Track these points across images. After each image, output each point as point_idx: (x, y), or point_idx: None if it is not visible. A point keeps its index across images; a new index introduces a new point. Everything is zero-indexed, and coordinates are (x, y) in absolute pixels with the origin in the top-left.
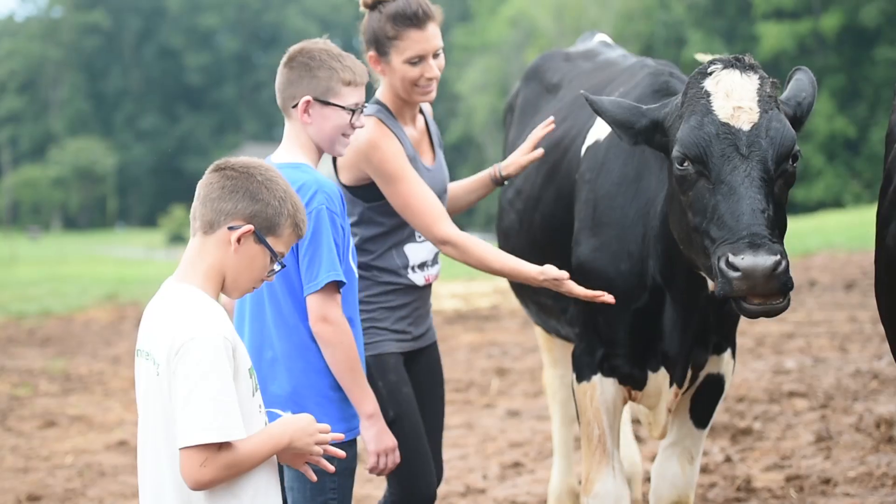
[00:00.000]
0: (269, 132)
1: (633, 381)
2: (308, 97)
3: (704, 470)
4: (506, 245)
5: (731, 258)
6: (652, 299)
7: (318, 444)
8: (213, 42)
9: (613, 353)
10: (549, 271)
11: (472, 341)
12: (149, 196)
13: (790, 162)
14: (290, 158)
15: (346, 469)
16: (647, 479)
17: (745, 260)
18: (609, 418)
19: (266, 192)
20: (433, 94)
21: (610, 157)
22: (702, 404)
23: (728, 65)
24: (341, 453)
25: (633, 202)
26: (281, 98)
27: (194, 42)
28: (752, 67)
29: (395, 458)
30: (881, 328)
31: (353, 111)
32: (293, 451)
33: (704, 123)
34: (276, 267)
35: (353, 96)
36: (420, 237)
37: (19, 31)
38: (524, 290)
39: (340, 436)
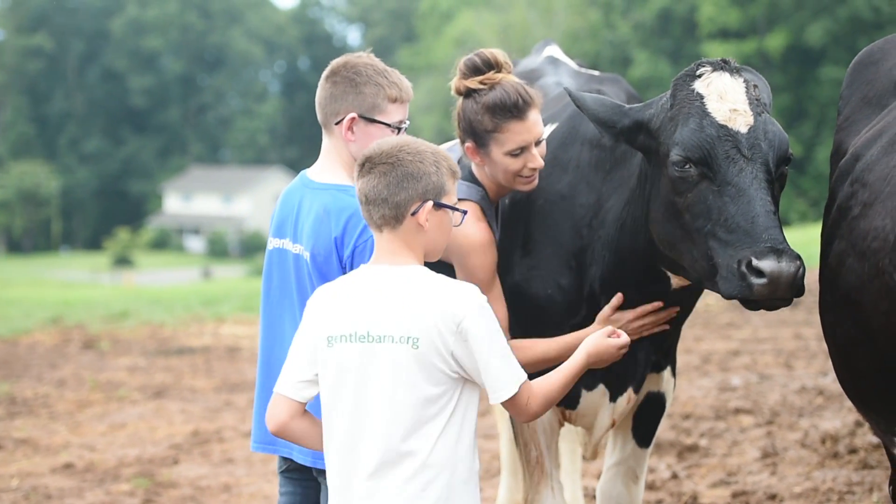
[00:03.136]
0: (215, 154)
1: (566, 400)
2: (353, 114)
3: (651, 487)
4: None
5: (756, 263)
6: (588, 313)
7: (618, 348)
8: (157, 64)
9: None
10: (603, 314)
11: None
12: (93, 219)
13: (785, 165)
14: (334, 179)
15: None
16: (593, 498)
17: (771, 266)
18: (546, 439)
19: (421, 164)
20: (536, 182)
21: (541, 175)
22: (644, 423)
23: (717, 67)
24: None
25: (567, 218)
26: (322, 113)
27: (138, 64)
28: (737, 70)
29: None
30: (826, 345)
31: (398, 129)
32: (595, 367)
33: (704, 126)
34: (461, 216)
35: (398, 113)
36: None
37: None
38: None
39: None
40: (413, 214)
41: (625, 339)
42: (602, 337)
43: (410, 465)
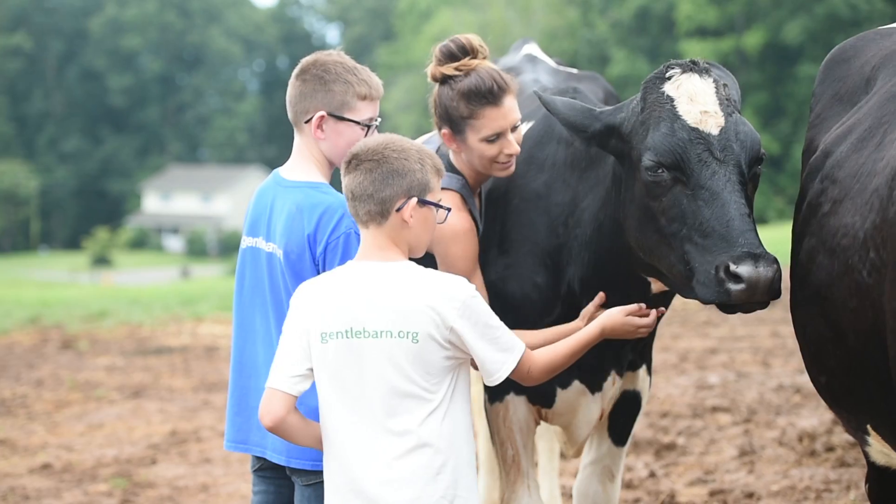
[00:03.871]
0: (193, 153)
1: (541, 399)
2: (322, 112)
3: (629, 485)
4: None
5: (734, 268)
6: (563, 311)
7: (637, 327)
8: (136, 63)
9: None
10: (587, 311)
11: None
12: (72, 219)
13: (758, 165)
14: (306, 177)
15: None
16: (571, 497)
17: (749, 272)
18: (522, 437)
19: (406, 162)
20: (513, 168)
21: (517, 174)
22: (620, 422)
23: (686, 69)
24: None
25: (543, 216)
26: (293, 112)
27: (117, 64)
28: (707, 70)
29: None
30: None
31: (368, 126)
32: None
33: (676, 129)
34: (444, 213)
35: (368, 111)
36: None
37: None
38: None
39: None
40: (398, 210)
41: (651, 318)
42: (621, 314)
43: (422, 453)
